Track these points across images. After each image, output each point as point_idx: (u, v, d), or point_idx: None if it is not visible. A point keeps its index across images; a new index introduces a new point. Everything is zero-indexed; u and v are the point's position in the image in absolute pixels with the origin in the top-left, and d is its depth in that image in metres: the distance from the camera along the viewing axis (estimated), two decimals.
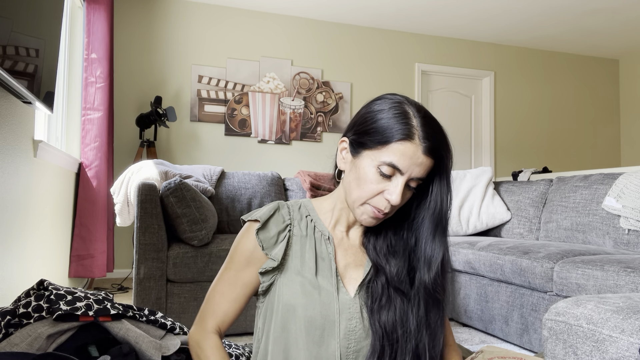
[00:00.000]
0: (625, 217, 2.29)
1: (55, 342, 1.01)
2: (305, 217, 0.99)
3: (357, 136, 0.92)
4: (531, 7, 4.45)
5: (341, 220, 1.00)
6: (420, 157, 0.86)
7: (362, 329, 0.92)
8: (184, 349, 1.16)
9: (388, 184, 0.88)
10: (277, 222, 0.96)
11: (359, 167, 0.91)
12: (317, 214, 1.00)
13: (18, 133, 1.93)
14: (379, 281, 0.94)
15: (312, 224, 0.99)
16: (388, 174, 0.87)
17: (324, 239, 0.98)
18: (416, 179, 0.88)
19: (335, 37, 4.86)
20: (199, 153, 4.40)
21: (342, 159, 0.96)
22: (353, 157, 0.93)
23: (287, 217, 0.97)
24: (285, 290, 0.93)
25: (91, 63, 3.30)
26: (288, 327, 0.92)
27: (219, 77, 4.48)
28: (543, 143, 5.53)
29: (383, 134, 0.87)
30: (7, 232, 1.84)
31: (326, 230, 0.98)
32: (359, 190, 0.90)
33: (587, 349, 0.80)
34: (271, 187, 2.93)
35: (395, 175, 0.88)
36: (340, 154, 0.97)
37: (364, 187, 0.89)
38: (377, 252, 0.97)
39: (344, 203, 0.98)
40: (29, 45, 1.73)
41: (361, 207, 0.92)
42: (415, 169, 0.87)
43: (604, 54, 5.73)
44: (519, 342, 2.13)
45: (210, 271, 2.24)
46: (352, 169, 0.93)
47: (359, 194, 0.90)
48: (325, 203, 1.02)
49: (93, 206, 3.26)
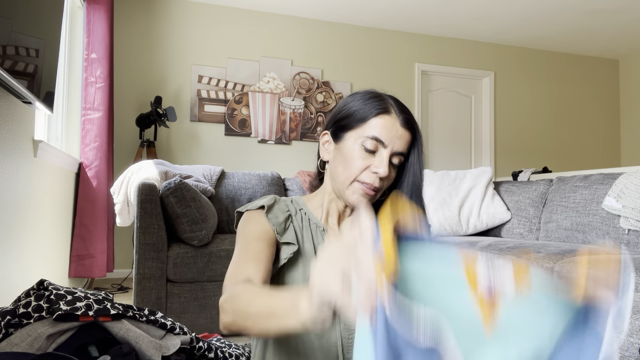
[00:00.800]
0: (625, 217, 2.29)
1: (55, 342, 1.01)
2: (299, 210, 1.01)
3: (337, 123, 0.96)
4: (531, 7, 4.45)
5: (331, 211, 1.01)
6: (399, 129, 0.91)
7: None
8: (184, 349, 1.16)
9: (373, 159, 0.92)
10: (281, 210, 0.97)
11: (344, 149, 0.94)
12: (308, 208, 1.02)
13: (18, 133, 1.93)
14: None
15: (307, 217, 1.00)
16: (372, 149, 0.91)
17: (319, 230, 0.99)
18: (398, 153, 0.92)
19: (335, 37, 4.86)
20: (199, 153, 4.40)
21: (325, 150, 1.00)
22: (336, 143, 0.97)
23: (285, 209, 0.99)
24: (290, 279, 0.93)
25: (91, 63, 3.30)
26: None
27: (219, 77, 4.48)
28: (543, 143, 5.53)
29: (362, 112, 0.93)
30: (7, 232, 1.84)
31: (320, 223, 0.99)
32: (346, 169, 0.93)
33: None
34: (271, 187, 2.93)
35: (379, 150, 0.92)
36: (322, 147, 1.00)
37: (351, 165, 0.92)
38: None
39: (332, 194, 1.00)
40: (29, 45, 1.73)
41: (350, 187, 0.93)
42: (396, 142, 0.91)
43: (604, 54, 5.73)
44: None
45: (210, 271, 2.24)
46: (337, 154, 0.96)
47: (347, 173, 0.93)
48: (315, 199, 1.04)
49: (93, 206, 3.26)
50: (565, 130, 5.62)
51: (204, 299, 2.24)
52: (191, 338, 1.18)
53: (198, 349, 1.19)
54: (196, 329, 2.19)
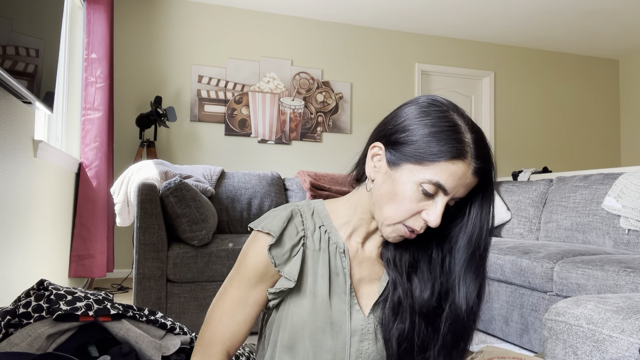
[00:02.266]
0: (625, 217, 2.29)
1: (55, 342, 1.01)
2: (319, 227, 0.90)
3: (397, 146, 0.80)
4: (531, 7, 4.45)
5: (359, 230, 0.90)
6: (469, 177, 0.78)
7: (375, 351, 0.86)
8: (184, 349, 1.16)
9: (428, 203, 0.79)
10: (290, 235, 0.87)
11: (397, 181, 0.80)
12: (331, 221, 0.91)
13: (18, 133, 1.93)
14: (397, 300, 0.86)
15: (327, 236, 0.89)
16: (431, 193, 0.78)
17: (338, 252, 0.89)
18: (457, 198, 0.80)
19: (335, 37, 4.86)
20: (199, 153, 4.40)
21: (373, 167, 0.84)
22: (390, 168, 0.81)
23: (300, 229, 0.88)
24: (296, 310, 0.86)
25: (91, 63, 3.30)
26: (296, 348, 0.86)
27: (219, 77, 4.48)
28: (543, 143, 5.53)
29: (431, 149, 0.77)
30: (7, 232, 1.84)
31: (341, 242, 0.89)
32: (394, 207, 0.80)
33: (587, 349, 0.80)
34: (271, 187, 2.93)
35: (438, 195, 0.79)
36: (371, 160, 0.85)
37: (401, 206, 0.80)
38: (398, 268, 0.87)
39: (366, 213, 0.88)
40: (29, 45, 1.73)
41: (393, 227, 0.82)
42: (460, 190, 0.78)
43: (604, 54, 5.73)
44: (519, 342, 2.13)
45: (210, 271, 2.24)
46: (387, 180, 0.82)
47: (394, 212, 0.81)
48: (342, 209, 0.92)
49: (93, 206, 3.26)
50: (565, 130, 5.63)
51: (204, 299, 2.24)
52: (191, 338, 1.18)
53: None
54: (196, 329, 2.20)
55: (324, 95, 4.78)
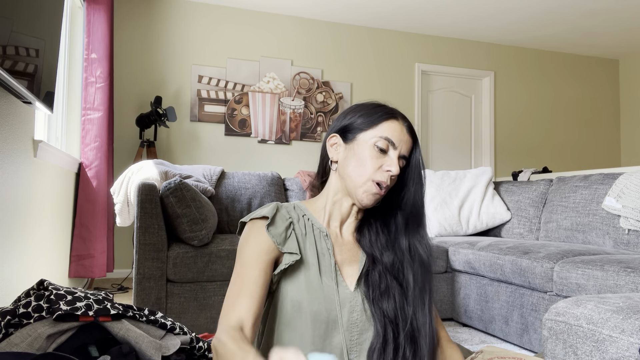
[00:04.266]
0: (625, 217, 2.29)
1: (55, 342, 1.01)
2: (302, 216, 1.05)
3: (347, 127, 1.03)
4: (531, 7, 4.45)
5: (334, 214, 1.06)
6: (405, 134, 1.01)
7: (364, 320, 0.98)
8: (184, 349, 1.16)
9: (385, 158, 0.99)
10: (282, 219, 1.00)
11: (357, 149, 1.01)
12: (311, 213, 1.06)
13: (18, 133, 1.93)
14: (376, 272, 1.01)
15: (310, 222, 1.04)
16: (384, 148, 0.99)
17: (322, 235, 1.03)
18: (403, 156, 1.01)
19: (335, 37, 4.86)
20: (199, 153, 4.40)
21: (334, 151, 1.05)
22: (346, 144, 1.03)
23: (287, 216, 1.02)
24: (291, 287, 0.96)
25: (91, 63, 3.30)
26: (293, 323, 0.96)
27: (219, 77, 4.48)
28: (543, 143, 5.53)
29: (373, 117, 1.01)
30: (7, 232, 1.84)
31: (323, 227, 1.04)
32: (361, 168, 0.99)
33: (587, 349, 0.80)
34: (271, 187, 2.93)
35: (389, 151, 1.00)
36: (331, 148, 1.06)
37: (366, 164, 0.98)
38: (373, 246, 1.04)
39: (338, 194, 1.05)
40: (29, 45, 1.73)
41: (364, 186, 0.99)
42: (403, 146, 1.00)
43: (604, 54, 5.73)
44: (519, 342, 2.13)
45: (210, 271, 2.24)
46: (348, 154, 1.02)
47: (362, 172, 0.99)
48: (317, 202, 1.08)
49: (93, 206, 3.26)
50: (565, 130, 5.63)
51: (204, 299, 2.24)
52: (191, 338, 1.18)
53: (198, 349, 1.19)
54: (196, 329, 2.20)
55: (324, 95, 4.78)
